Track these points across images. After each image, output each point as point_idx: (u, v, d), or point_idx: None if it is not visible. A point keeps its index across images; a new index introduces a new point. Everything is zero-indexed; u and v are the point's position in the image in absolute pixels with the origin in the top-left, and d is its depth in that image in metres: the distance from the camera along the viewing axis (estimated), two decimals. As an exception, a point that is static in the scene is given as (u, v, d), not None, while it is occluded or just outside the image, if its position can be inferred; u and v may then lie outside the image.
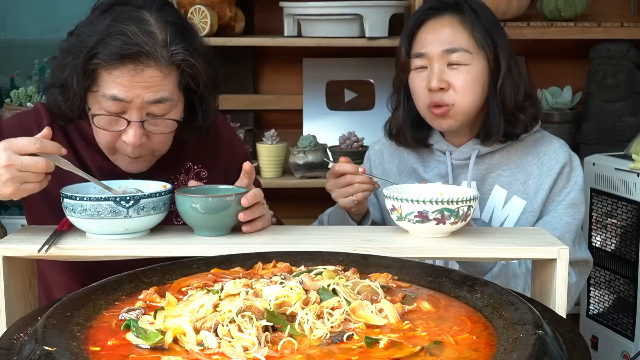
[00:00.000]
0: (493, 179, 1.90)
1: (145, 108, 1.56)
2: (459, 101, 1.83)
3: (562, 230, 1.82)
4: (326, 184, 1.81)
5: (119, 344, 1.01)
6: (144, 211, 1.49)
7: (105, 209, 1.47)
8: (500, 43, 1.85)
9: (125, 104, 1.54)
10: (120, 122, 1.57)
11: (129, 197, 1.48)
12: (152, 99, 1.55)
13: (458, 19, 1.85)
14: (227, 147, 1.84)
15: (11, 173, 1.42)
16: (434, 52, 1.84)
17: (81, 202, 1.47)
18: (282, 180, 2.81)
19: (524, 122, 1.87)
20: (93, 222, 1.49)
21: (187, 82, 1.60)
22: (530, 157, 1.91)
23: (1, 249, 1.47)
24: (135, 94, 1.53)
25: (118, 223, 1.49)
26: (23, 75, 3.11)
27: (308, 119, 3.03)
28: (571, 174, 1.89)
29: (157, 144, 1.62)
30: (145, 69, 1.53)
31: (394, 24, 2.77)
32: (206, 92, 1.64)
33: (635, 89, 2.87)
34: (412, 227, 1.54)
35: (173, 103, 1.59)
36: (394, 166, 2.00)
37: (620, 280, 2.47)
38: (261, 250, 1.40)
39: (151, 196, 1.50)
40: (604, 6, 3.01)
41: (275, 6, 2.83)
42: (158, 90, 1.55)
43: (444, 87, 1.83)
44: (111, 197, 1.47)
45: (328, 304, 1.07)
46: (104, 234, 1.52)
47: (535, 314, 1.06)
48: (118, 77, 1.52)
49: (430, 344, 1.00)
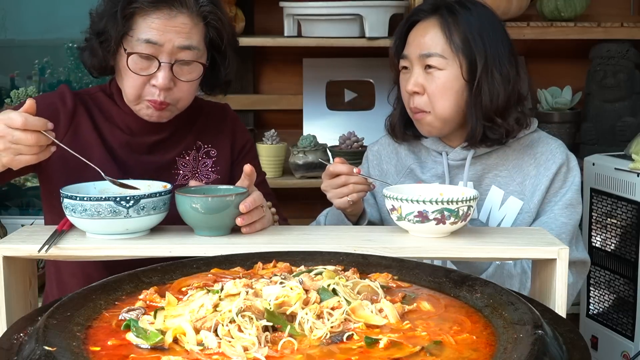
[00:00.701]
0: (490, 180, 1.90)
1: (175, 54, 1.67)
2: (434, 107, 1.84)
3: (558, 230, 1.82)
4: (322, 185, 1.81)
5: (119, 344, 1.01)
6: (144, 211, 1.50)
7: (106, 209, 1.47)
8: (479, 48, 1.82)
9: (158, 48, 1.66)
10: (152, 64, 1.68)
11: (129, 197, 1.48)
12: (182, 44, 1.67)
13: (439, 23, 1.85)
14: (233, 128, 1.93)
15: (4, 144, 1.46)
16: (413, 55, 1.86)
17: (81, 202, 1.47)
18: (282, 180, 2.81)
19: (505, 128, 1.84)
20: (93, 222, 1.49)
21: (212, 36, 1.73)
22: (527, 158, 1.90)
23: (1, 249, 1.47)
24: (168, 38, 1.66)
25: (118, 223, 1.49)
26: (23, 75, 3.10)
27: (308, 119, 3.04)
28: (568, 174, 1.88)
29: (182, 91, 1.72)
30: (177, 14, 1.67)
31: (394, 24, 2.77)
32: (229, 47, 1.77)
33: (635, 89, 2.87)
34: (412, 227, 1.54)
35: (200, 53, 1.71)
36: (391, 166, 2.01)
37: (620, 280, 2.47)
38: (261, 250, 1.40)
39: (151, 196, 1.50)
40: (604, 6, 3.01)
41: (275, 6, 2.83)
42: (188, 37, 1.68)
43: (418, 90, 1.84)
44: (111, 197, 1.47)
45: (328, 304, 1.07)
46: (104, 234, 1.52)
47: (535, 314, 1.06)
48: (152, 21, 1.66)
49: (430, 344, 1.00)
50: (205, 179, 1.84)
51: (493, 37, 1.86)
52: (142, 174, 1.72)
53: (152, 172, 1.76)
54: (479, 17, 1.86)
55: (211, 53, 1.76)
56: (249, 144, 1.95)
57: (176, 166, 1.83)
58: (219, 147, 1.88)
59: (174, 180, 1.80)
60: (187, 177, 1.82)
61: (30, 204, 3.07)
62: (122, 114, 1.78)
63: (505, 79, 1.84)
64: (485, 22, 1.87)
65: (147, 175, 1.72)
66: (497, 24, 1.90)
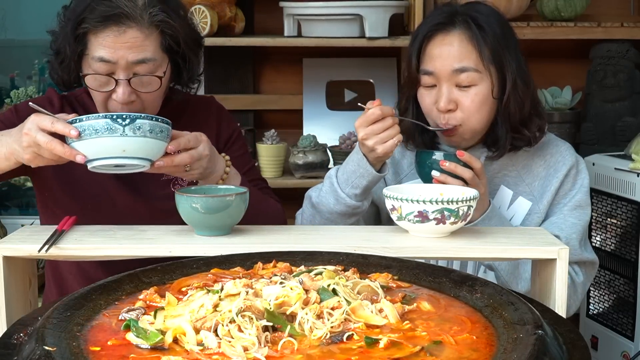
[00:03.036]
0: (499, 180, 1.90)
1: (131, 68, 1.67)
2: (466, 121, 1.81)
3: (568, 231, 1.82)
4: (360, 134, 1.73)
5: (119, 344, 1.01)
6: (140, 131, 1.50)
7: (102, 126, 1.48)
8: (507, 60, 1.81)
9: (112, 65, 1.66)
10: (110, 82, 1.68)
11: (125, 116, 1.49)
12: (135, 59, 1.66)
13: (467, 36, 1.80)
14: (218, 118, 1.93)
15: (28, 142, 1.51)
16: (443, 72, 1.80)
17: (80, 124, 1.49)
18: (282, 180, 2.81)
19: (529, 137, 1.85)
20: (91, 143, 1.49)
21: (168, 43, 1.71)
22: (537, 159, 1.90)
23: (1, 249, 1.47)
24: (120, 55, 1.65)
25: (115, 142, 1.49)
26: (23, 75, 3.11)
27: (308, 119, 3.03)
28: (577, 176, 1.89)
29: (147, 102, 1.72)
30: (127, 29, 1.65)
31: (394, 24, 2.77)
32: (187, 50, 1.75)
33: (635, 89, 2.87)
34: (412, 227, 1.54)
35: (157, 63, 1.70)
36: (403, 157, 1.98)
37: (620, 280, 2.47)
38: (261, 250, 1.40)
39: (147, 118, 1.51)
40: (604, 6, 3.01)
41: (275, 6, 2.83)
42: (141, 50, 1.66)
43: (452, 108, 1.80)
44: (108, 115, 1.49)
45: (328, 304, 1.07)
46: (102, 159, 1.51)
47: (535, 314, 1.06)
48: (104, 39, 1.65)
49: (430, 344, 1.00)
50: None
51: (512, 44, 1.84)
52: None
53: None
54: (499, 25, 1.84)
55: (173, 57, 1.75)
56: (236, 133, 1.95)
57: None
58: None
59: (160, 175, 1.80)
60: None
61: (30, 204, 3.07)
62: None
63: (527, 87, 1.83)
64: (504, 29, 1.84)
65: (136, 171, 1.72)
66: (509, 27, 1.88)
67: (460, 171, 1.74)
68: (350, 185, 1.79)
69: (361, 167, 1.78)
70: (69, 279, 1.81)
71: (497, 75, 1.81)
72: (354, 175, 1.79)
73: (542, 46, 3.01)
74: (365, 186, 1.79)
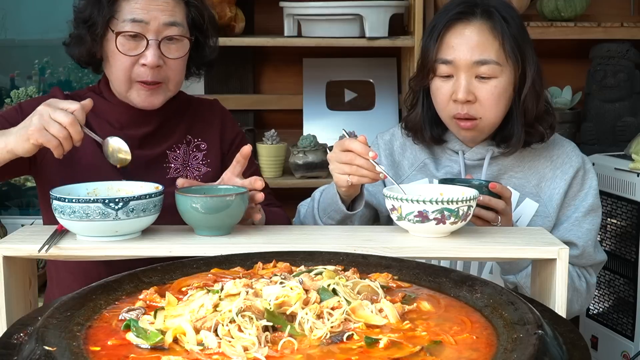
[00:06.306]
0: (505, 181, 1.87)
1: (161, 31, 1.73)
2: (485, 115, 1.79)
3: (585, 238, 1.82)
4: (328, 154, 1.72)
5: (119, 344, 1.01)
6: (133, 213, 1.47)
7: (94, 210, 1.45)
8: (528, 53, 1.80)
9: (144, 26, 1.72)
10: (140, 44, 1.72)
11: (118, 199, 1.46)
12: (167, 21, 1.73)
13: (488, 27, 1.77)
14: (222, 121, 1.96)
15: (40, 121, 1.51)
16: (463, 62, 1.77)
17: (70, 204, 1.46)
18: (282, 180, 2.81)
19: (542, 133, 1.84)
20: (82, 224, 1.47)
21: (193, 16, 1.79)
22: (543, 160, 1.88)
23: (1, 249, 1.47)
24: (153, 16, 1.72)
25: (107, 225, 1.47)
26: (23, 75, 3.10)
27: (308, 119, 3.03)
28: (585, 177, 1.87)
29: (171, 69, 1.76)
30: None
31: (394, 24, 2.77)
32: (210, 25, 1.84)
33: (635, 89, 2.87)
34: (412, 227, 1.54)
35: (184, 30, 1.77)
36: (404, 158, 1.95)
37: (620, 280, 2.47)
38: (261, 250, 1.40)
39: (141, 198, 1.48)
40: (604, 6, 3.01)
41: (275, 6, 2.83)
42: (172, 14, 1.74)
43: (470, 99, 1.77)
44: (100, 199, 1.45)
45: (328, 304, 1.07)
46: (93, 237, 1.50)
47: (535, 314, 1.06)
48: (136, 2, 1.72)
49: (430, 344, 1.00)
50: (197, 172, 1.85)
51: (528, 38, 1.83)
52: (134, 168, 1.71)
53: (143, 166, 1.77)
54: (516, 19, 1.82)
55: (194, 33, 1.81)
56: (240, 136, 1.96)
57: (167, 159, 1.84)
58: (209, 140, 1.90)
59: (165, 174, 1.82)
60: (178, 170, 1.83)
61: (30, 204, 3.07)
62: (111, 109, 1.81)
63: (541, 82, 1.82)
64: (520, 23, 1.83)
65: (139, 169, 1.73)
66: (522, 22, 1.86)
67: (494, 203, 1.68)
68: (327, 216, 1.80)
69: (334, 203, 1.76)
70: (69, 278, 1.81)
71: (517, 68, 1.79)
72: (329, 207, 1.79)
73: (542, 46, 2.99)
74: (340, 220, 1.78)
